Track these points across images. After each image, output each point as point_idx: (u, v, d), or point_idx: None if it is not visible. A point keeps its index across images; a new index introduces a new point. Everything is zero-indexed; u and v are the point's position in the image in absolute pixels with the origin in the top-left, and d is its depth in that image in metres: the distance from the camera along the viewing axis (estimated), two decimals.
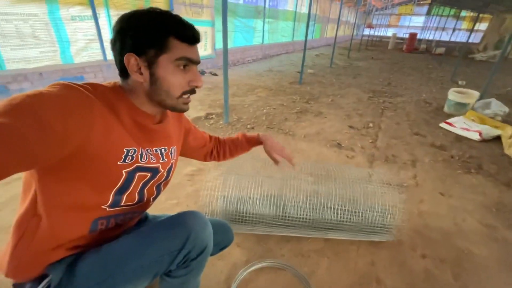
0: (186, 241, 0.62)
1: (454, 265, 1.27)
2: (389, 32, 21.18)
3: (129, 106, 0.60)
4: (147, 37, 0.55)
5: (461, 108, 3.46)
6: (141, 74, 0.57)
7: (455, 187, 1.92)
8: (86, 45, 3.52)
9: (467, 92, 3.59)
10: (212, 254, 0.97)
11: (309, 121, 3.08)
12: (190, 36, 0.58)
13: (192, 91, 0.63)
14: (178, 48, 0.57)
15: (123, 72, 0.59)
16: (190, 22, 0.59)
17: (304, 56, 4.82)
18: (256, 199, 1.37)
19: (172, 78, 0.58)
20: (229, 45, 6.54)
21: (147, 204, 0.76)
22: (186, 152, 0.92)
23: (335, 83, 5.17)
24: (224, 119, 2.88)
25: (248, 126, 2.81)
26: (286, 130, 2.76)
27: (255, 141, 1.03)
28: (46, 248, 0.58)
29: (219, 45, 5.88)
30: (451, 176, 2.08)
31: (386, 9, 22.38)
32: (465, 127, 2.88)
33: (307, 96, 4.09)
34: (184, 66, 0.59)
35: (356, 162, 2.22)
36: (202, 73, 5.24)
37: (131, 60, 0.56)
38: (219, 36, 5.77)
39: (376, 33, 19.20)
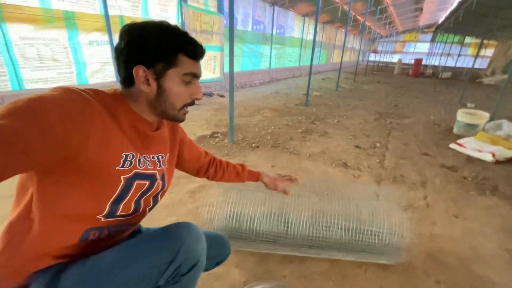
0: (176, 254, 0.58)
1: None
2: (395, 58, 21.63)
3: (129, 112, 0.61)
4: (157, 51, 0.57)
5: (471, 129, 3.38)
6: (149, 85, 0.59)
7: (469, 209, 1.82)
8: (101, 68, 3.72)
9: (476, 113, 3.53)
10: (207, 269, 0.92)
11: (314, 140, 3.06)
12: (198, 53, 0.62)
13: (192, 103, 0.67)
14: (186, 64, 0.61)
15: (127, 81, 0.61)
16: (199, 42, 0.63)
17: (309, 77, 4.92)
18: (258, 216, 1.32)
19: (178, 91, 0.62)
20: (237, 69, 6.81)
21: (143, 215, 0.74)
22: (179, 163, 0.90)
23: (341, 105, 5.20)
24: (229, 138, 2.89)
25: (253, 145, 2.80)
26: (291, 149, 2.74)
27: (255, 177, 1.06)
28: (33, 255, 0.56)
29: (228, 69, 6.10)
30: (465, 197, 1.97)
31: (390, 36, 23.08)
32: (477, 148, 2.79)
33: (312, 117, 4.10)
34: (189, 80, 0.63)
35: (363, 181, 2.15)
36: (210, 95, 5.38)
37: (140, 72, 0.58)
38: (227, 61, 6.01)
39: (381, 59, 19.64)
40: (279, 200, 1.38)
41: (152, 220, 1.50)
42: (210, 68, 5.62)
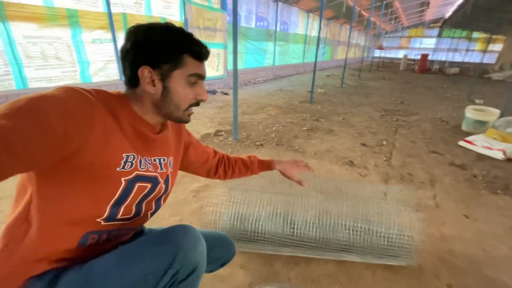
0: (173, 260, 0.56)
1: None
2: (400, 54, 21.31)
3: (131, 114, 0.61)
4: (163, 52, 0.58)
5: (480, 126, 3.30)
6: (154, 86, 0.59)
7: (480, 209, 1.77)
8: (104, 66, 3.70)
9: (486, 110, 3.44)
10: (211, 271, 0.91)
11: (319, 138, 3.02)
12: (203, 54, 0.63)
13: (197, 104, 0.67)
14: (191, 65, 0.61)
15: (132, 81, 0.61)
16: (204, 43, 0.64)
17: (314, 74, 4.86)
18: (263, 216, 1.29)
19: (183, 92, 0.62)
20: (241, 66, 6.75)
21: (144, 219, 0.73)
22: (187, 166, 0.89)
23: (346, 102, 5.13)
24: (233, 136, 2.87)
25: (257, 143, 2.77)
26: (295, 147, 2.70)
27: (267, 166, 1.01)
28: (30, 258, 0.54)
29: (231, 66, 6.06)
30: (475, 197, 1.92)
31: (396, 32, 22.73)
32: (487, 145, 2.72)
33: (317, 114, 4.05)
34: (194, 81, 0.63)
35: (370, 180, 2.11)
36: (214, 92, 5.36)
37: (145, 73, 0.58)
38: (231, 58, 5.96)
39: (387, 55, 19.35)
40: (284, 200, 1.35)
41: (156, 220, 1.48)
42: (213, 66, 5.59)
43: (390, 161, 2.49)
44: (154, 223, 0.76)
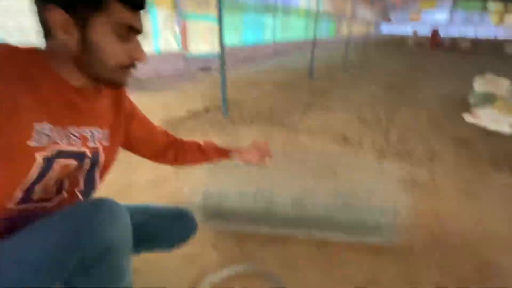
0: (77, 239, 0.46)
1: (480, 279, 1.01)
2: (410, 28, 20.24)
3: (49, 73, 0.49)
4: None
5: (489, 99, 3.07)
6: (69, 34, 0.46)
7: (483, 188, 1.63)
8: None
9: (496, 81, 3.20)
10: (170, 248, 0.80)
11: (314, 115, 2.85)
12: (136, 0, 0.49)
13: (132, 65, 0.54)
14: (119, 12, 0.47)
15: (45, 30, 0.47)
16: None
17: (313, 49, 4.59)
18: (240, 193, 1.20)
19: (109, 46, 0.49)
20: (238, 42, 6.44)
21: (73, 199, 0.60)
22: (130, 143, 0.73)
23: (347, 79, 4.89)
24: (223, 113, 2.72)
25: (248, 120, 2.63)
26: (288, 124, 2.55)
27: (225, 154, 0.91)
28: None
29: (228, 41, 5.77)
30: (478, 174, 1.77)
31: (406, 5, 21.47)
32: (494, 119, 2.53)
33: (315, 91, 3.86)
34: (125, 34, 0.50)
35: (364, 157, 1.96)
36: (209, 69, 5.14)
37: (57, 15, 0.44)
38: (227, 33, 5.67)
39: (395, 31, 18.43)
40: (264, 176, 1.24)
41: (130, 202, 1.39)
42: (209, 42, 5.32)
43: (388, 137, 2.33)
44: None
